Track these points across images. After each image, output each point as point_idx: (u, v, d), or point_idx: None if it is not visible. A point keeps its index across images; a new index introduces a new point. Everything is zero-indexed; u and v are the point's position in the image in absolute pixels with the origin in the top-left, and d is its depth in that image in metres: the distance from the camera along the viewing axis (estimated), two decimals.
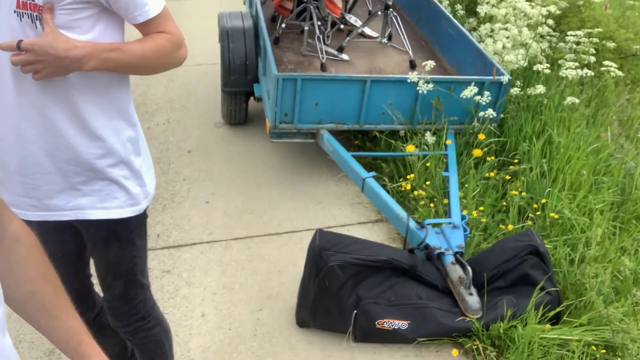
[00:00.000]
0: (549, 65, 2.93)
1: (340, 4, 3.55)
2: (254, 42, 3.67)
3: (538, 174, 2.89)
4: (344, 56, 3.80)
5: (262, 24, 3.48)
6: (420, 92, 2.98)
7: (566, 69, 2.87)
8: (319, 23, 3.77)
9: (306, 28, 3.75)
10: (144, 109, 4.30)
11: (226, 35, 3.68)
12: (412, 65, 3.71)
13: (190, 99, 4.47)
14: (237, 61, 3.63)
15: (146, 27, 1.39)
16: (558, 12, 3.37)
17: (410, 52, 3.73)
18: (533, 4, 3.44)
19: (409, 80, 2.99)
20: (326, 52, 3.70)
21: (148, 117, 4.18)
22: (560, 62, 3.43)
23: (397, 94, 3.07)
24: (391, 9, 3.79)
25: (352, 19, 4.27)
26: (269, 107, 3.16)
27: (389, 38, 4.03)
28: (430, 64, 3.10)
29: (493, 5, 3.69)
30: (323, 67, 3.59)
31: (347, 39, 3.87)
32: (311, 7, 3.73)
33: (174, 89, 4.68)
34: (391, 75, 3.10)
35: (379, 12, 3.86)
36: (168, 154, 3.69)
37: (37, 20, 1.25)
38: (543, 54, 3.40)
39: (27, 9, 1.24)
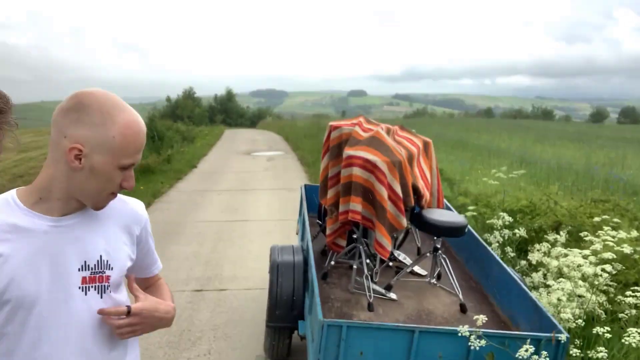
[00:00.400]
0: (609, 329, 2.76)
1: (389, 248, 3.61)
2: (302, 277, 3.70)
3: None
4: (392, 295, 3.74)
5: (312, 262, 3.53)
6: (472, 346, 2.83)
7: (628, 335, 2.70)
8: (368, 261, 3.81)
9: (355, 267, 3.79)
10: (187, 336, 4.26)
11: (276, 270, 3.74)
12: (463, 310, 3.59)
13: (235, 327, 4.42)
14: (284, 296, 3.63)
15: (154, 277, 1.69)
16: (614, 271, 3.30)
17: (460, 295, 3.65)
18: (587, 261, 3.39)
19: (459, 334, 2.86)
20: (374, 290, 3.67)
21: (190, 346, 4.10)
22: (620, 315, 3.24)
23: (447, 346, 2.91)
24: (440, 251, 3.81)
25: (401, 256, 4.32)
26: (312, 351, 3.04)
27: (438, 277, 3.99)
28: (482, 318, 2.99)
29: (545, 254, 3.67)
30: (370, 307, 3.52)
31: (395, 278, 3.85)
32: (360, 247, 3.81)
33: (220, 314, 4.67)
34: (441, 327, 2.99)
35: (428, 254, 3.89)
36: None
37: (106, 290, 1.39)
38: (601, 308, 3.25)
39: (94, 282, 1.36)
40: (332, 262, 3.99)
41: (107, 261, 1.38)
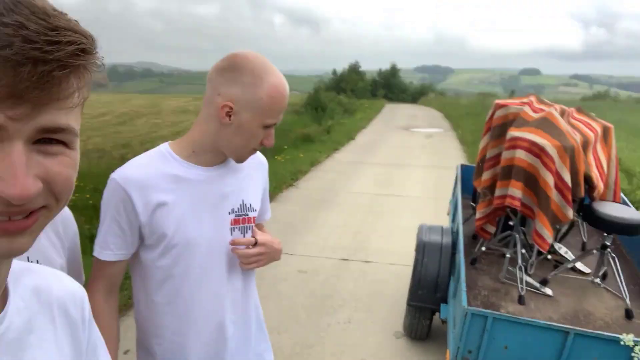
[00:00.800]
0: None
1: (550, 240, 3.30)
2: (449, 260, 3.55)
3: None
4: (547, 290, 3.44)
5: (461, 245, 3.37)
6: (635, 359, 2.49)
7: None
8: (523, 251, 3.54)
9: (507, 255, 3.54)
10: (329, 302, 4.35)
11: (422, 249, 3.63)
12: (628, 316, 3.19)
13: (376, 300, 4.41)
14: (429, 277, 3.52)
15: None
16: None
17: (627, 300, 3.24)
18: None
19: (622, 343, 2.53)
20: (527, 282, 3.40)
21: (332, 312, 4.19)
22: None
23: (605, 354, 2.60)
24: (609, 249, 3.41)
25: (562, 249, 3.95)
26: (452, 338, 2.91)
27: (604, 277, 3.59)
28: None
29: None
30: (521, 300, 3.27)
31: (554, 272, 3.54)
32: (516, 235, 3.55)
33: (362, 286, 4.69)
34: (599, 332, 2.67)
35: (594, 251, 3.51)
36: (340, 358, 3.57)
37: (248, 230, 1.52)
38: None
39: (238, 224, 1.50)
40: (483, 248, 3.78)
41: (250, 204, 1.52)
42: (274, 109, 1.35)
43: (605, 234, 3.45)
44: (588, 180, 3.43)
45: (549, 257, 3.86)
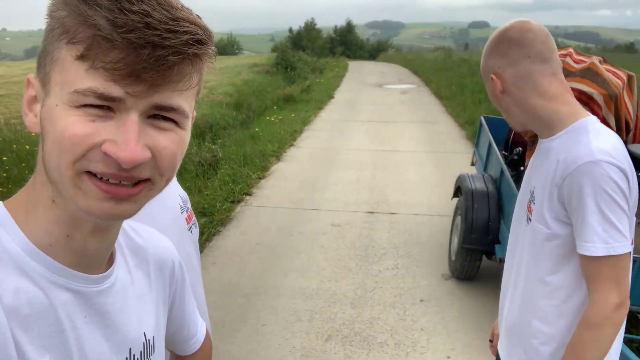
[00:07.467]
0: None
1: None
2: (496, 204, 3.82)
3: None
4: None
5: (513, 189, 3.61)
6: None
7: None
8: None
9: None
10: (372, 251, 4.59)
11: (471, 196, 3.88)
12: None
13: (414, 248, 4.67)
14: (480, 221, 3.78)
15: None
16: None
17: None
18: None
19: None
20: None
21: (377, 260, 4.43)
22: None
23: None
24: None
25: None
26: None
27: None
28: None
29: None
30: None
31: None
32: None
33: (396, 235, 4.95)
34: None
35: None
36: (402, 299, 3.83)
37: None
38: None
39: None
40: None
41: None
42: None
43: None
44: (626, 124, 3.72)
45: None
